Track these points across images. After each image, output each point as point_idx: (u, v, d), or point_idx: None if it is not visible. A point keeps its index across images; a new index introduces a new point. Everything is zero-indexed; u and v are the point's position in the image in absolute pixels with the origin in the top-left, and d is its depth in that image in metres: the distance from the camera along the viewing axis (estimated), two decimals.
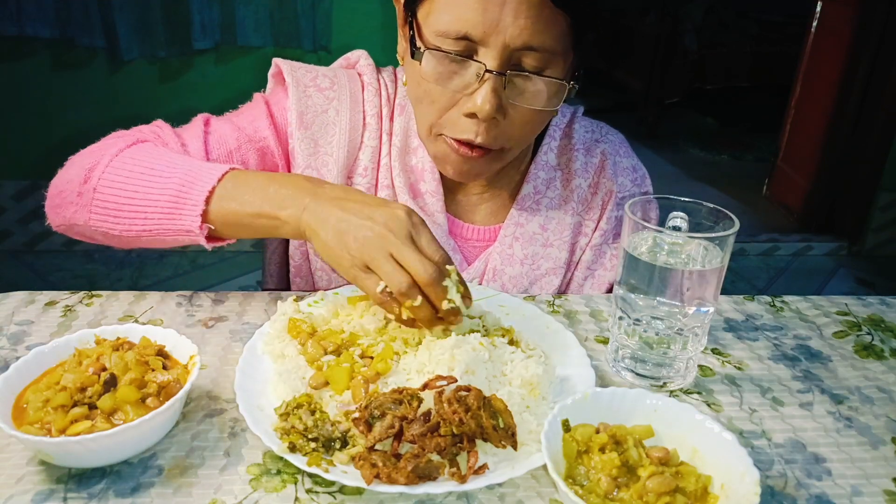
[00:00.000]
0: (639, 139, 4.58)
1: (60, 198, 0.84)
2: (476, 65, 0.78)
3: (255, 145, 0.94)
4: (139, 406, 0.62)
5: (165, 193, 0.77)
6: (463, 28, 0.77)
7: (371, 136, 0.96)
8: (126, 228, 0.80)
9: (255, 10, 2.67)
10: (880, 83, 3.10)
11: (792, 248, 3.36)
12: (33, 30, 2.59)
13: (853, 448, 0.68)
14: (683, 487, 0.56)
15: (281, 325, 0.76)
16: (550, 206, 1.01)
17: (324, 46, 2.74)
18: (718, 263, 0.70)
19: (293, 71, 0.97)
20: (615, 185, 1.02)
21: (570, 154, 1.02)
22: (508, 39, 0.76)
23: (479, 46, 0.78)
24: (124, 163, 0.81)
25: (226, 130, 0.93)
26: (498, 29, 0.76)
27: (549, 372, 0.71)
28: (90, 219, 0.81)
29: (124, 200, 0.79)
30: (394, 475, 0.57)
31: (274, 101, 0.97)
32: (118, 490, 0.58)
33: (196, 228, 0.76)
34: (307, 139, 0.94)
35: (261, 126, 0.94)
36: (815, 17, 3.40)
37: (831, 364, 0.82)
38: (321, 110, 0.95)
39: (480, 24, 0.76)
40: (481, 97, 0.79)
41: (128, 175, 0.80)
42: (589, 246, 1.03)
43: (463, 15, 0.76)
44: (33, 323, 0.82)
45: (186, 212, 0.76)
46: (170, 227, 0.78)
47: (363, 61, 1.01)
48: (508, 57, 0.78)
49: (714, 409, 0.73)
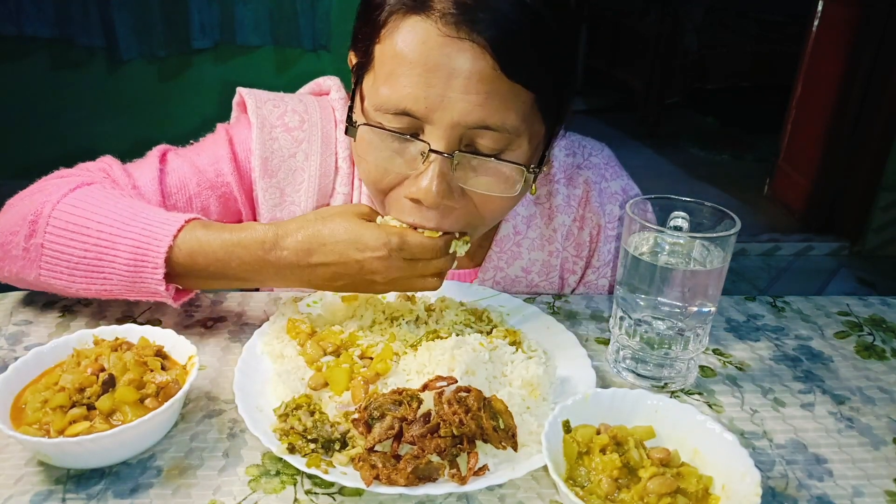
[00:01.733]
0: (639, 139, 4.58)
1: (2, 250, 0.77)
2: (420, 144, 0.69)
3: (217, 191, 0.87)
4: (138, 407, 0.61)
5: (121, 254, 0.71)
6: (402, 103, 0.67)
7: (343, 182, 0.89)
8: (84, 288, 0.74)
9: (254, 10, 2.67)
10: (881, 83, 3.10)
11: (793, 248, 3.35)
12: (32, 29, 2.59)
13: (854, 449, 0.68)
14: (684, 488, 0.56)
15: (280, 326, 0.76)
16: (532, 247, 0.93)
17: (323, 45, 2.74)
18: (719, 263, 0.70)
19: (258, 108, 0.88)
20: (602, 217, 0.93)
21: (550, 186, 0.93)
22: (458, 117, 0.67)
23: (425, 124, 0.68)
24: (69, 212, 0.73)
25: (185, 172, 0.86)
26: (444, 105, 0.66)
27: (549, 373, 0.71)
28: (40, 275, 0.74)
29: (77, 259, 0.72)
30: (393, 476, 0.57)
31: (238, 139, 0.89)
32: (117, 491, 0.58)
33: (163, 292, 0.72)
34: (272, 188, 0.87)
35: (224, 169, 0.87)
36: (815, 17, 3.39)
37: (832, 364, 0.82)
38: (288, 154, 0.87)
39: (423, 100, 0.66)
40: (426, 181, 0.69)
41: (77, 230, 0.72)
42: (582, 283, 0.97)
43: (403, 89, 0.67)
44: (32, 323, 0.82)
45: (147, 275, 0.71)
46: (132, 289, 0.73)
47: (335, 94, 0.91)
48: (459, 136, 0.68)
49: (715, 410, 0.73)
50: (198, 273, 0.72)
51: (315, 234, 0.70)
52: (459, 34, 0.65)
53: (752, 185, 3.91)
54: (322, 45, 2.74)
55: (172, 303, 0.75)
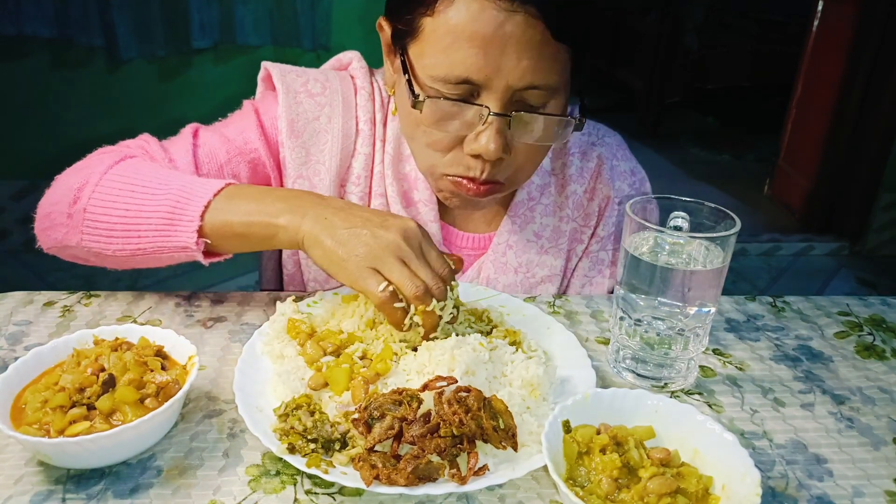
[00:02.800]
0: (640, 139, 4.57)
1: (49, 220, 0.82)
2: (478, 108, 0.77)
3: (246, 157, 0.92)
4: (138, 407, 0.61)
5: (160, 210, 0.75)
6: (464, 73, 0.75)
7: (364, 143, 0.94)
8: (119, 248, 0.78)
9: (254, 10, 2.67)
10: (881, 82, 3.10)
11: (793, 248, 3.35)
12: (32, 29, 2.58)
13: (854, 449, 0.68)
14: (684, 488, 0.56)
15: (280, 326, 0.76)
16: (545, 213, 0.99)
17: (323, 45, 2.74)
18: (720, 263, 0.70)
19: (283, 76, 0.94)
20: (612, 190, 0.99)
21: (564, 159, 1.00)
22: (512, 81, 0.75)
23: (482, 89, 0.76)
24: (114, 180, 0.79)
25: (215, 143, 0.91)
26: (500, 72, 0.74)
27: (549, 373, 0.71)
28: (82, 240, 0.79)
29: (116, 219, 0.77)
30: (393, 476, 0.57)
31: (264, 110, 0.94)
32: (117, 491, 0.58)
33: (192, 244, 0.75)
34: (298, 148, 0.92)
35: (251, 137, 0.92)
36: (816, 17, 3.39)
37: (833, 364, 0.82)
38: (312, 117, 0.93)
39: (483, 68, 0.74)
40: (486, 139, 0.77)
41: (118, 193, 0.77)
42: (585, 253, 1.02)
43: (464, 60, 0.74)
44: (32, 323, 0.82)
45: (182, 228, 0.75)
46: (164, 244, 0.76)
47: (356, 63, 0.98)
48: (511, 98, 0.77)
49: (715, 410, 0.73)
50: (233, 214, 0.74)
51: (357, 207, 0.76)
52: (513, 6, 0.72)
53: (752, 185, 3.91)
54: (322, 45, 2.74)
55: (202, 258, 0.77)
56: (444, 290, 0.71)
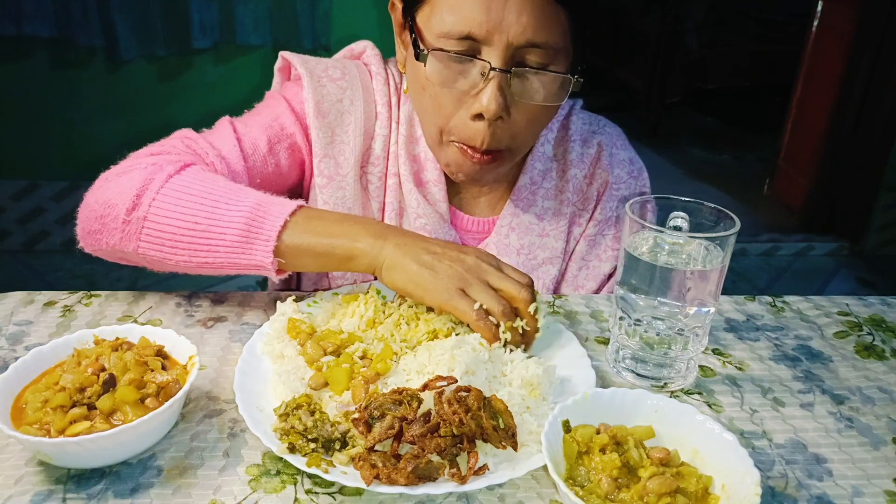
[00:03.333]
0: (640, 139, 4.57)
1: (100, 223, 0.80)
2: (481, 64, 0.79)
3: (285, 143, 0.95)
4: (138, 406, 0.61)
5: (233, 227, 0.75)
6: (467, 28, 0.77)
7: (382, 125, 0.97)
8: (185, 260, 0.77)
9: (254, 10, 2.67)
10: (882, 82, 3.10)
11: (793, 247, 3.35)
12: (32, 29, 2.58)
13: (854, 448, 0.68)
14: (684, 488, 0.56)
15: (280, 326, 0.76)
16: (546, 196, 1.01)
17: (323, 46, 2.74)
18: (719, 263, 0.70)
19: (305, 63, 0.97)
20: (610, 175, 1.02)
21: (566, 145, 1.02)
22: (512, 37, 0.77)
23: (483, 46, 0.79)
24: (178, 190, 0.78)
25: (255, 133, 0.93)
26: (501, 27, 0.77)
27: (549, 372, 0.71)
28: (139, 247, 0.78)
29: (184, 231, 0.76)
30: (393, 476, 0.57)
31: (290, 96, 0.97)
32: (117, 491, 0.58)
33: (268, 263, 0.75)
34: (324, 128, 0.95)
35: (286, 122, 0.95)
36: (816, 17, 3.39)
37: (832, 364, 0.82)
38: (336, 99, 0.96)
39: (484, 24, 0.77)
40: (487, 96, 0.79)
41: (186, 204, 0.76)
42: (583, 236, 1.04)
43: (467, 15, 0.77)
44: (32, 323, 0.82)
45: (259, 247, 0.75)
46: (238, 261, 0.76)
47: (370, 51, 1.01)
48: (512, 55, 0.79)
49: (715, 410, 0.73)
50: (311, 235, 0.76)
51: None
52: None
53: (752, 185, 3.90)
54: (322, 45, 2.74)
55: (275, 277, 0.78)
56: (531, 297, 0.74)
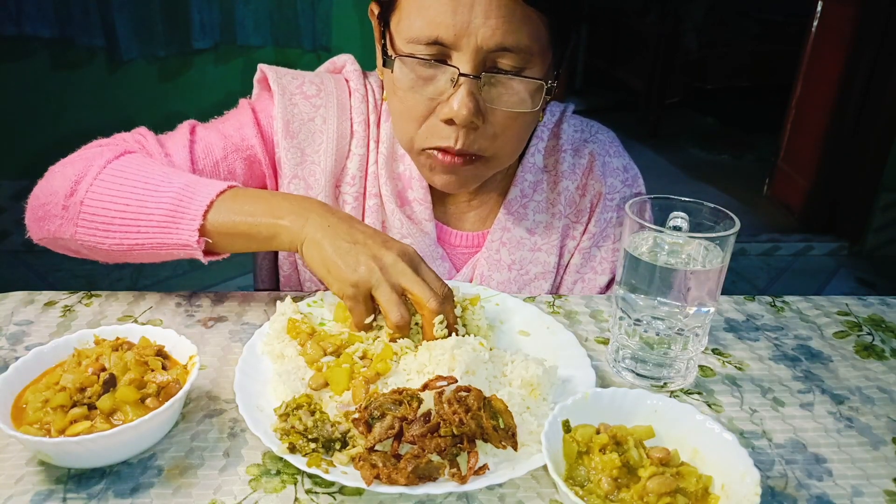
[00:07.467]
0: (639, 139, 4.58)
1: (43, 210, 0.82)
2: (450, 69, 0.77)
3: (243, 154, 0.93)
4: (138, 406, 0.62)
5: (161, 207, 0.76)
6: (434, 32, 0.76)
7: (358, 144, 0.95)
8: (116, 242, 0.78)
9: (254, 10, 2.67)
10: (881, 82, 3.10)
11: (792, 248, 3.35)
12: (33, 29, 2.58)
13: (854, 448, 0.68)
14: (684, 488, 0.56)
15: (280, 326, 0.76)
16: (538, 209, 0.99)
17: (323, 46, 2.74)
18: (719, 263, 0.70)
19: (279, 78, 0.95)
20: (604, 186, 0.99)
21: (557, 155, 1.00)
22: (481, 41, 0.75)
23: (452, 51, 0.77)
24: (113, 175, 0.79)
25: (212, 139, 0.92)
26: (469, 31, 0.75)
27: (549, 372, 0.71)
28: (76, 232, 0.79)
29: (115, 213, 0.77)
30: (394, 476, 0.57)
31: (260, 108, 0.95)
32: (117, 490, 0.58)
33: (193, 242, 0.75)
34: (294, 148, 0.93)
35: (248, 134, 0.93)
36: (815, 17, 3.39)
37: (832, 364, 0.82)
38: (308, 118, 0.94)
39: (451, 27, 0.75)
40: (457, 102, 0.77)
41: (119, 187, 0.78)
42: (577, 249, 1.01)
43: (434, 19, 0.75)
44: (32, 323, 0.82)
45: (184, 225, 0.75)
46: (164, 240, 0.77)
47: (349, 66, 0.99)
48: (483, 59, 0.77)
49: (715, 410, 0.73)
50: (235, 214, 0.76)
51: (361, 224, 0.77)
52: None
53: (752, 184, 3.91)
54: (322, 45, 2.74)
55: (202, 257, 0.77)
56: (439, 309, 0.71)
